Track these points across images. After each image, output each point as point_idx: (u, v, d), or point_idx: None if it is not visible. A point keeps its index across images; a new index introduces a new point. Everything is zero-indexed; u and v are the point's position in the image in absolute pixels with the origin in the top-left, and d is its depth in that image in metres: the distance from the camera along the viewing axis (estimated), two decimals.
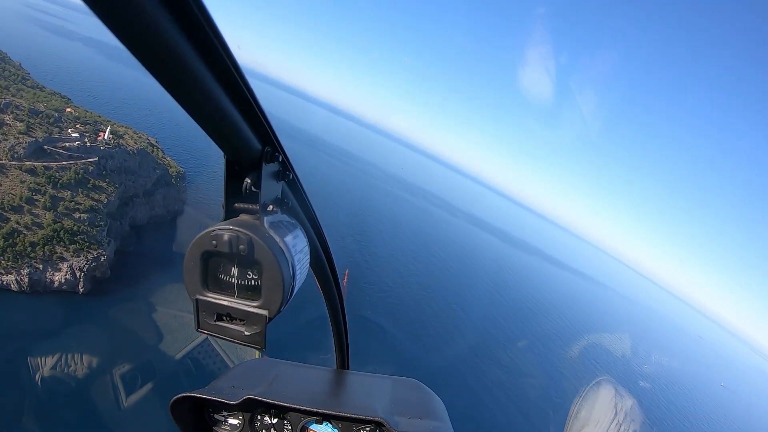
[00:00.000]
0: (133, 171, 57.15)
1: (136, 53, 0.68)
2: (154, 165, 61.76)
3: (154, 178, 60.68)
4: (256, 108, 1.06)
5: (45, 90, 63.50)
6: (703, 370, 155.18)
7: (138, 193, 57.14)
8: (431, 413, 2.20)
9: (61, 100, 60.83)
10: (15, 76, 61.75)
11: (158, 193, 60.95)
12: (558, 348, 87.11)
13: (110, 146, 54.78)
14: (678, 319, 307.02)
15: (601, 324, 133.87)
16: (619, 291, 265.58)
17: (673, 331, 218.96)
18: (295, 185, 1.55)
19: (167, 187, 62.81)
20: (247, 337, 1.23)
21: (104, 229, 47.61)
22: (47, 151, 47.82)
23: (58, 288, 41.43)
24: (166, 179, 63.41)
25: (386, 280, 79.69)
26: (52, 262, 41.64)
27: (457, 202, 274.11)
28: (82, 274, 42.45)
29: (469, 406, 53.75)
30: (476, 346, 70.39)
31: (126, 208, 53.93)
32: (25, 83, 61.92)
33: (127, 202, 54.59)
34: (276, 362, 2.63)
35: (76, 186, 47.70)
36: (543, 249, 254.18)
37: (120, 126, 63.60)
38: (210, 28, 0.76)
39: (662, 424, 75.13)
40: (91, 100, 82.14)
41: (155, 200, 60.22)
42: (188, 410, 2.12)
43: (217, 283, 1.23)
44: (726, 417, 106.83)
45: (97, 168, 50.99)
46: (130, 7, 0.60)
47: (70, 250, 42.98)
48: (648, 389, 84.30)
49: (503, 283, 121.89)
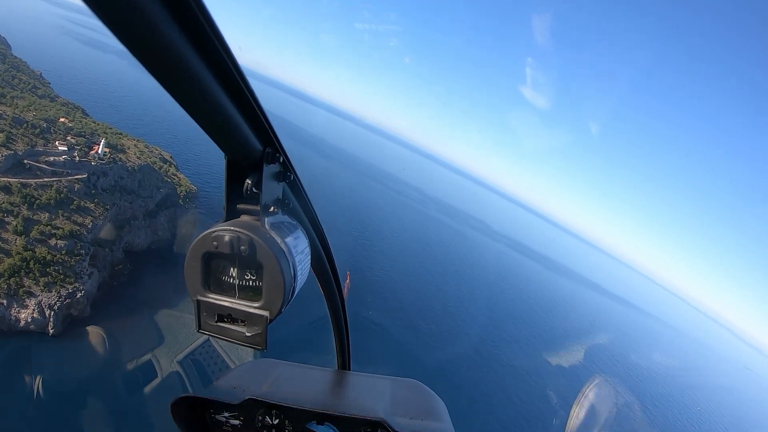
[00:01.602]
0: (131, 190, 50.90)
1: (137, 54, 0.68)
2: (158, 183, 55.92)
3: (157, 197, 54.51)
4: (256, 109, 1.06)
5: (57, 100, 60.84)
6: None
7: (136, 215, 50.76)
8: (432, 414, 2.20)
9: (62, 110, 55.91)
10: (25, 84, 59.54)
11: (162, 214, 54.50)
12: (562, 350, 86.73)
13: (104, 161, 48.49)
14: (722, 348, 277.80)
15: (632, 347, 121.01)
16: (657, 316, 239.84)
17: (718, 363, 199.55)
18: (296, 186, 1.56)
19: (173, 209, 56.65)
20: (248, 338, 1.24)
21: (85, 259, 41.04)
22: (27, 165, 41.79)
23: (24, 327, 35.84)
24: (173, 199, 57.23)
25: (387, 280, 79.75)
26: (18, 298, 35.86)
27: (457, 203, 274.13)
28: (53, 313, 36.58)
29: (471, 407, 53.72)
30: (477, 347, 70.39)
31: (120, 232, 47.76)
32: (36, 92, 59.20)
33: (122, 226, 48.30)
34: (277, 363, 2.64)
35: (57, 207, 41.52)
36: (545, 252, 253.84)
37: (131, 139, 59.46)
38: (211, 29, 0.76)
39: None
40: (113, 112, 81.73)
41: (158, 223, 53.71)
42: (189, 411, 2.12)
43: (218, 284, 1.24)
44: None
45: (84, 186, 44.92)
46: (130, 7, 0.60)
47: (40, 283, 37.02)
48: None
49: (503, 283, 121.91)
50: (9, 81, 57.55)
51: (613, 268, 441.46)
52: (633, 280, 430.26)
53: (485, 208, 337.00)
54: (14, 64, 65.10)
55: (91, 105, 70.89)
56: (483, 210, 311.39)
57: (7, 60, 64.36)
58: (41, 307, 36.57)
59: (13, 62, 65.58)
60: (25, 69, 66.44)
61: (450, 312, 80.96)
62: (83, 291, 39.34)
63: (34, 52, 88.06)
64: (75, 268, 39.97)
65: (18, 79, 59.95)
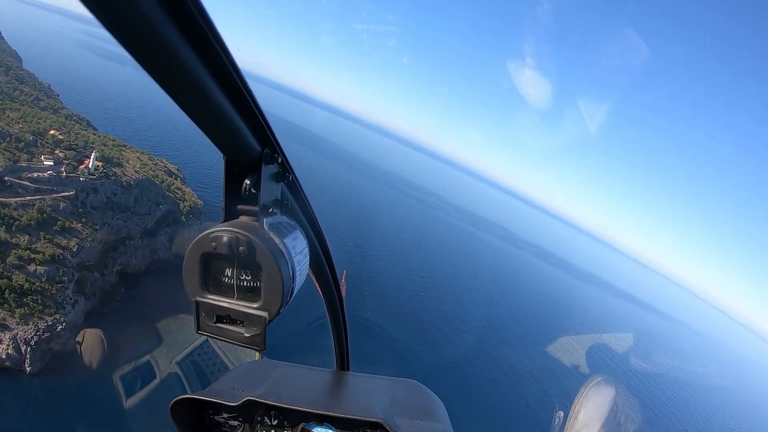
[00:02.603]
0: (126, 207, 46.65)
1: (135, 54, 0.68)
2: (159, 198, 51.61)
3: (157, 214, 50.41)
4: (255, 109, 1.06)
5: (61, 112, 59.15)
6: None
7: (132, 234, 46.88)
8: (431, 414, 2.21)
9: (59, 122, 52.92)
10: (27, 96, 58.10)
11: (162, 232, 50.39)
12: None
13: (94, 176, 44.00)
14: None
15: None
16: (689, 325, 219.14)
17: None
18: (294, 186, 1.56)
19: (175, 225, 52.47)
20: (246, 339, 1.23)
21: (68, 286, 37.09)
22: (7, 183, 38.40)
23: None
24: (175, 215, 53.25)
25: (386, 280, 79.77)
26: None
27: (458, 199, 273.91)
28: (29, 348, 33.23)
29: (470, 407, 53.76)
30: (477, 347, 70.42)
31: (113, 254, 44.08)
32: (38, 104, 57.21)
33: (116, 247, 44.49)
34: (276, 364, 2.63)
35: (39, 228, 37.67)
36: (545, 246, 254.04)
37: (134, 151, 56.53)
38: (209, 29, 0.75)
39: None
40: (123, 124, 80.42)
41: (158, 242, 49.69)
42: (188, 412, 2.12)
43: (216, 284, 1.23)
44: None
45: (71, 204, 41.18)
46: (128, 8, 0.60)
47: (16, 315, 33.60)
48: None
49: (503, 281, 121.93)
50: (9, 93, 56.23)
51: (641, 275, 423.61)
52: (670, 292, 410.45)
53: (486, 204, 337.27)
54: (19, 76, 64.91)
55: (101, 117, 70.34)
56: (482, 205, 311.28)
57: (11, 72, 64.24)
58: (17, 342, 33.07)
59: (18, 74, 65.54)
60: (30, 81, 66.22)
61: (451, 312, 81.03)
62: (65, 323, 35.67)
63: (48, 65, 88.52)
64: (56, 297, 36.11)
65: (19, 91, 58.99)
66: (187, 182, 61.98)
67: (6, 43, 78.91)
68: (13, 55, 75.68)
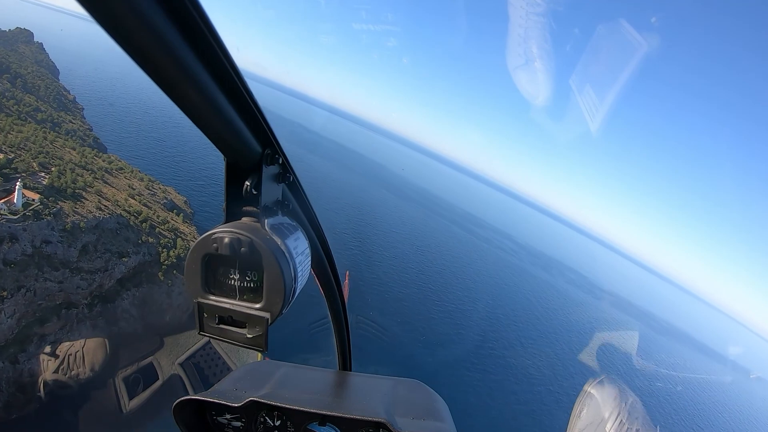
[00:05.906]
0: (65, 261, 31.59)
1: (134, 56, 0.68)
2: (129, 247, 36.89)
3: (118, 271, 35.18)
4: (255, 110, 1.06)
5: (62, 126, 54.29)
6: None
7: (73, 300, 32.28)
8: (434, 414, 2.20)
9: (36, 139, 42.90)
10: (36, 111, 54.00)
11: (128, 295, 35.86)
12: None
13: (17, 216, 29.55)
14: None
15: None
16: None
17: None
18: (295, 187, 1.56)
19: (149, 286, 38.04)
20: (249, 340, 1.23)
21: None
22: None
23: None
24: (151, 270, 38.41)
25: (388, 281, 79.69)
26: None
27: (455, 198, 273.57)
28: None
29: (472, 407, 53.69)
30: (479, 347, 70.31)
31: (41, 328, 30.38)
32: (34, 117, 52.04)
33: (43, 320, 30.37)
34: (278, 364, 2.63)
35: None
36: (545, 248, 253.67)
37: (132, 176, 46.92)
38: (208, 30, 0.75)
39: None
40: (136, 142, 76.20)
41: (118, 310, 34.76)
42: (191, 413, 2.12)
43: (218, 286, 1.24)
44: None
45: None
46: (127, 9, 0.59)
47: None
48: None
49: (503, 281, 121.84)
50: (12, 107, 50.72)
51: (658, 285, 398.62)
52: (675, 295, 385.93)
53: (486, 203, 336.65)
54: (27, 86, 62.69)
55: (111, 135, 67.09)
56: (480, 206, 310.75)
57: (39, 85, 63.11)
58: None
59: (31, 85, 63.18)
60: (50, 90, 63.77)
61: (452, 312, 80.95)
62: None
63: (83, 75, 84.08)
64: None
65: (25, 105, 54.85)
66: (194, 220, 49.79)
67: (46, 55, 78.91)
68: (51, 67, 75.37)
